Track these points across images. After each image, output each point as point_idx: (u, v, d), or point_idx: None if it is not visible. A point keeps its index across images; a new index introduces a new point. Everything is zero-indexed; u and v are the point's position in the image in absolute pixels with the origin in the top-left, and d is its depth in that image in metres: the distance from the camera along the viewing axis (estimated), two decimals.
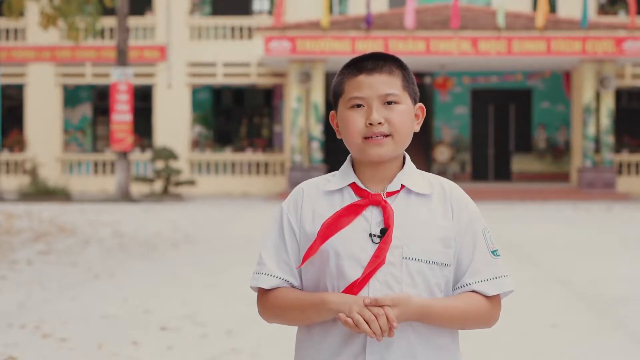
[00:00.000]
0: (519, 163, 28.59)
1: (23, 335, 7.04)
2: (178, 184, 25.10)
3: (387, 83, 2.21)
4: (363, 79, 2.21)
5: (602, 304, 8.60)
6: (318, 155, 25.09)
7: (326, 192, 2.26)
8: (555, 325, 7.48)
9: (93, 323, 7.58)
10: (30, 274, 10.53)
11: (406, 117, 2.22)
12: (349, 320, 2.09)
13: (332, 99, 2.30)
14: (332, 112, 2.32)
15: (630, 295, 9.02)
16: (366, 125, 2.19)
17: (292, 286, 2.26)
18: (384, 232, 2.17)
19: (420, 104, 2.29)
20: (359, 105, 2.21)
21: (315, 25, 25.10)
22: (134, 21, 27.95)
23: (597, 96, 25.59)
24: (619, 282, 9.87)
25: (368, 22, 24.45)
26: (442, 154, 28.73)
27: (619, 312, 8.13)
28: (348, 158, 2.30)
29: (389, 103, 2.21)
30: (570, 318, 7.85)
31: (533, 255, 12.28)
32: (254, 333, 7.10)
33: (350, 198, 2.23)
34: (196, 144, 28.58)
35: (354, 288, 2.15)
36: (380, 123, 2.18)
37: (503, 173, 28.64)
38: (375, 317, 2.08)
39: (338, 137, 2.30)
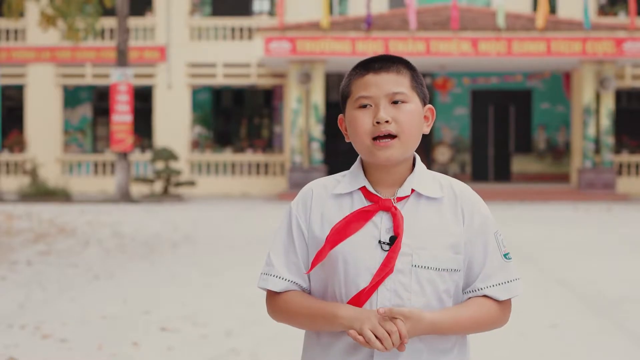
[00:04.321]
0: (519, 164, 28.59)
1: (23, 336, 7.04)
2: (178, 184, 25.10)
3: (394, 82, 2.18)
4: (370, 78, 2.18)
5: (602, 304, 8.60)
6: (318, 155, 25.08)
7: (335, 195, 2.23)
8: (555, 326, 7.48)
9: (93, 324, 7.58)
10: (30, 274, 10.53)
11: (414, 117, 2.19)
12: (360, 338, 2.07)
13: (340, 102, 2.27)
14: (340, 115, 2.29)
15: (630, 296, 9.02)
16: (373, 124, 2.16)
17: (301, 288, 2.24)
18: (394, 239, 2.14)
19: (429, 106, 2.25)
20: (366, 106, 2.18)
21: (315, 26, 25.10)
22: (134, 22, 27.95)
23: (597, 97, 25.59)
24: (619, 282, 9.87)
25: (368, 23, 24.46)
26: (442, 154, 28.73)
27: (619, 313, 8.13)
28: (358, 159, 2.26)
29: (397, 102, 2.17)
30: (570, 318, 7.85)
31: (533, 256, 12.28)
32: (254, 334, 7.10)
33: (360, 202, 2.20)
34: (196, 145, 28.58)
35: (361, 296, 2.13)
36: (387, 121, 2.15)
37: (503, 174, 28.64)
38: (389, 333, 2.07)
39: (347, 140, 2.26)
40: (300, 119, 25.07)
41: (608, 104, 25.26)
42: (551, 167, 28.53)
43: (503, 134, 28.83)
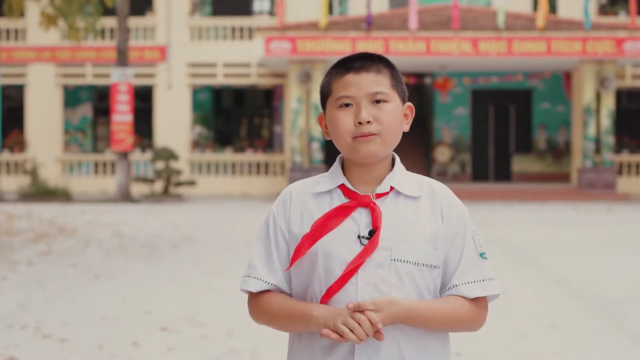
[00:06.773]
0: (519, 163, 28.59)
1: (23, 336, 7.05)
2: (178, 184, 25.11)
3: (375, 82, 2.20)
4: (351, 78, 2.20)
5: (602, 304, 8.60)
6: (318, 155, 25.09)
7: (315, 194, 2.25)
8: (555, 326, 7.48)
9: (93, 324, 7.58)
10: (30, 274, 10.53)
11: (395, 116, 2.21)
12: (333, 335, 2.08)
13: (320, 100, 2.29)
14: (320, 113, 2.31)
15: (630, 296, 9.03)
16: (355, 124, 2.18)
17: (281, 290, 2.25)
18: (373, 233, 2.16)
19: (409, 103, 2.28)
20: (347, 105, 2.20)
21: (315, 25, 25.11)
22: (134, 22, 27.95)
23: (598, 97, 25.59)
24: (619, 283, 9.88)
25: (368, 23, 24.46)
26: (442, 154, 28.73)
27: (619, 313, 8.13)
28: (337, 159, 2.29)
29: (378, 102, 2.19)
30: (570, 319, 7.85)
31: (533, 256, 12.28)
32: (254, 334, 7.09)
33: (340, 199, 2.22)
34: (196, 145, 28.59)
35: (332, 287, 2.15)
36: (369, 122, 2.17)
37: (503, 173, 28.64)
38: (359, 323, 2.07)
39: (327, 138, 2.29)
40: (301, 119, 25.08)
41: (608, 103, 25.26)
42: (551, 167, 28.53)
43: (503, 134, 28.84)
